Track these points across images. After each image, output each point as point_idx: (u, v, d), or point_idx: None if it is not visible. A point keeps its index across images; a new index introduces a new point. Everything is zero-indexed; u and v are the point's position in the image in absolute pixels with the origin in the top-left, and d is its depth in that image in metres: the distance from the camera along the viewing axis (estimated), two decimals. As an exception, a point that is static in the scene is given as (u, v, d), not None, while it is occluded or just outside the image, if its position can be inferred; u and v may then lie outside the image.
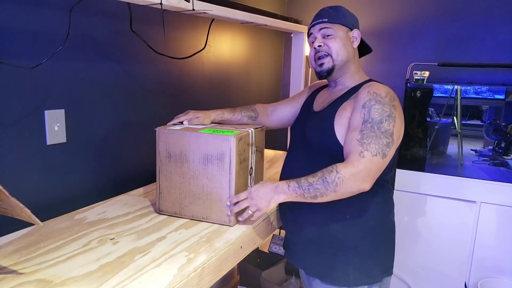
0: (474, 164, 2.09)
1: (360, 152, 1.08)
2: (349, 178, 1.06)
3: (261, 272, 1.97)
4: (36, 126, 1.19)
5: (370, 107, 1.12)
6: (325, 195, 1.07)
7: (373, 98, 1.13)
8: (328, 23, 1.23)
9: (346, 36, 1.24)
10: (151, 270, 0.88)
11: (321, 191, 1.07)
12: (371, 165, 1.08)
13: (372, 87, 1.17)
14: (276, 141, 2.74)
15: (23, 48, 1.13)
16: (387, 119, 1.10)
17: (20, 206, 0.78)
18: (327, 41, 1.23)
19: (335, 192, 1.07)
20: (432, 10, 2.27)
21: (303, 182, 1.08)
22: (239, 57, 2.21)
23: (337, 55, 1.22)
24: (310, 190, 1.07)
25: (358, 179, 1.07)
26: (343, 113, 1.17)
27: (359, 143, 1.09)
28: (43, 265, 0.89)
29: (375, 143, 1.08)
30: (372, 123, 1.10)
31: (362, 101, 1.14)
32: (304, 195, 1.08)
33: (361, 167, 1.07)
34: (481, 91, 2.07)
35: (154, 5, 1.21)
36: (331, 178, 1.06)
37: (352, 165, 1.07)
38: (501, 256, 1.99)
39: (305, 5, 2.60)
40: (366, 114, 1.11)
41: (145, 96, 1.59)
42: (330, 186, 1.06)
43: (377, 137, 1.08)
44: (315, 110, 1.31)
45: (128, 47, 1.48)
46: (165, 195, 1.21)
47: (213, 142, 1.13)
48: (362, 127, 1.10)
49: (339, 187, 1.06)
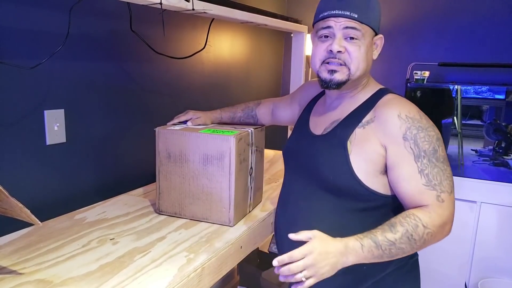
0: (474, 164, 2.09)
1: (437, 197, 0.88)
2: (437, 231, 0.87)
3: (261, 272, 1.97)
4: (36, 126, 1.19)
5: (414, 138, 0.89)
6: (407, 253, 0.89)
7: (411, 125, 0.90)
8: (357, 22, 0.93)
9: (370, 43, 0.97)
10: (151, 270, 0.88)
11: (405, 250, 0.87)
12: (452, 206, 0.90)
13: (398, 108, 0.93)
14: (276, 141, 2.74)
15: (23, 48, 1.13)
16: (438, 144, 0.91)
17: (20, 206, 0.78)
18: (350, 46, 0.94)
19: (419, 248, 0.89)
20: (432, 10, 2.27)
21: (380, 240, 0.85)
22: (239, 57, 2.21)
23: (356, 69, 0.96)
24: (392, 251, 0.86)
25: (446, 229, 0.89)
26: (366, 145, 0.94)
27: (429, 187, 0.88)
28: (43, 265, 0.89)
29: (445, 179, 0.89)
30: (427, 156, 0.89)
31: (399, 132, 0.90)
32: (382, 256, 0.86)
33: (447, 213, 0.88)
34: (481, 91, 2.07)
35: (154, 5, 1.20)
36: (418, 234, 0.86)
37: (437, 215, 0.87)
38: (501, 256, 1.99)
39: (305, 5, 2.60)
40: (414, 147, 0.89)
41: (145, 96, 1.59)
42: (417, 244, 0.86)
43: (442, 171, 0.89)
44: (314, 132, 1.06)
45: (128, 47, 1.47)
46: (165, 195, 1.21)
47: (213, 142, 1.13)
48: (419, 166, 0.89)
49: (427, 243, 0.88)
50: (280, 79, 2.78)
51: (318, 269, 0.83)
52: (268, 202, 1.38)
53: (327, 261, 0.84)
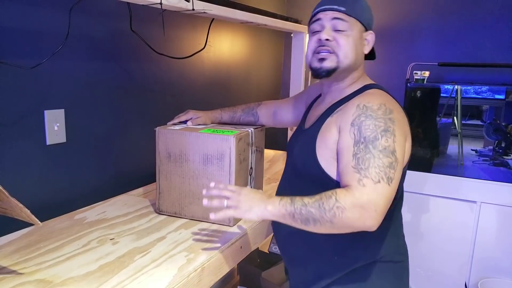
0: (474, 164, 2.09)
1: (359, 180, 0.87)
2: (349, 210, 0.85)
3: (261, 272, 1.97)
4: (36, 126, 1.19)
5: (360, 124, 0.91)
6: (318, 223, 0.87)
7: (362, 113, 0.93)
8: (344, 14, 0.99)
9: (359, 36, 1.02)
10: (151, 270, 0.88)
11: (315, 217, 0.87)
12: (376, 196, 0.85)
13: (363, 99, 0.97)
14: (276, 141, 2.74)
15: (23, 48, 1.13)
16: (383, 134, 0.89)
17: (20, 206, 0.78)
18: (338, 36, 0.99)
19: (331, 223, 0.86)
20: (432, 10, 2.27)
21: (297, 200, 0.89)
22: (239, 57, 2.21)
23: (345, 57, 0.99)
24: (303, 212, 0.88)
25: (362, 214, 0.85)
26: (327, 134, 0.98)
27: (355, 169, 0.88)
28: (43, 265, 0.89)
29: (374, 166, 0.87)
30: (365, 142, 0.89)
31: (350, 118, 0.94)
32: (295, 216, 0.89)
33: (364, 199, 0.85)
34: (481, 91, 2.07)
35: (154, 4, 1.20)
36: (328, 205, 0.86)
37: (353, 196, 0.85)
38: (501, 256, 1.99)
39: (305, 5, 2.60)
40: (357, 133, 0.91)
41: (145, 96, 1.59)
42: (326, 214, 0.86)
43: (374, 157, 0.88)
44: (305, 127, 1.11)
45: (128, 47, 1.48)
46: (165, 195, 1.21)
47: (213, 142, 1.13)
48: (354, 150, 0.90)
49: (337, 219, 0.85)
50: (280, 79, 2.78)
51: (239, 203, 0.92)
52: (268, 202, 1.38)
53: (249, 201, 0.92)
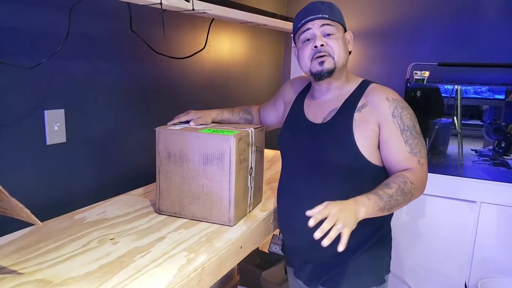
0: (474, 164, 2.09)
1: (418, 161, 1.10)
2: (419, 188, 1.09)
3: (261, 272, 1.97)
4: (36, 126, 1.19)
5: (400, 115, 1.11)
6: (400, 206, 1.07)
7: (397, 105, 1.12)
8: (329, 20, 1.14)
9: (343, 37, 1.18)
10: (151, 270, 0.88)
11: (399, 202, 1.05)
12: (427, 169, 1.13)
13: (385, 93, 1.14)
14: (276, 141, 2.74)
15: (23, 48, 1.13)
16: (415, 121, 1.13)
17: (20, 206, 0.78)
18: (329, 40, 1.14)
19: (408, 202, 1.08)
20: (432, 10, 2.27)
21: (381, 194, 1.03)
22: (239, 57, 2.21)
23: (339, 58, 1.14)
24: (391, 202, 1.03)
25: (423, 187, 1.11)
26: (365, 125, 1.11)
27: (412, 153, 1.10)
28: (43, 265, 0.89)
29: (422, 147, 1.12)
30: (409, 130, 1.10)
31: (389, 111, 1.11)
32: (384, 208, 1.03)
33: (425, 175, 1.11)
34: (481, 91, 2.07)
35: (154, 5, 1.21)
36: (407, 188, 1.05)
37: (420, 175, 1.09)
38: (501, 256, 1.99)
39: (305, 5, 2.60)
40: (400, 123, 1.10)
41: (145, 96, 1.59)
42: (407, 197, 1.06)
43: (420, 141, 1.12)
44: (314, 121, 1.20)
45: (128, 47, 1.48)
46: (165, 195, 1.21)
47: (213, 142, 1.13)
48: (404, 138, 1.10)
49: (413, 197, 1.08)
50: (280, 79, 2.78)
51: (346, 218, 0.92)
52: (268, 202, 1.38)
53: (348, 211, 0.95)
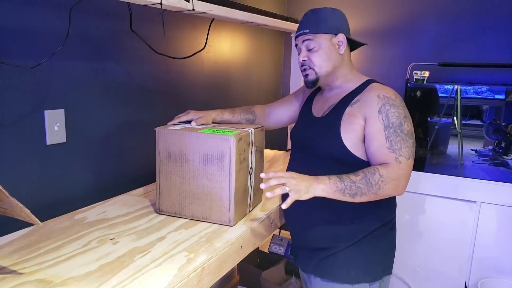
0: (474, 164, 2.09)
1: (396, 158, 1.10)
2: (390, 183, 1.08)
3: (261, 272, 1.97)
4: (36, 126, 1.19)
5: (386, 112, 1.12)
6: (364, 195, 1.08)
7: (386, 102, 1.13)
8: (309, 34, 1.21)
9: (329, 44, 1.21)
10: (151, 270, 0.88)
11: (363, 191, 1.07)
12: (408, 170, 1.11)
13: (379, 91, 1.16)
14: (276, 141, 2.74)
15: (23, 48, 1.13)
16: (405, 120, 1.13)
17: (20, 206, 0.78)
18: (311, 54, 1.21)
19: (375, 194, 1.09)
20: (432, 10, 2.27)
21: (344, 178, 1.07)
22: (239, 57, 2.21)
23: (320, 68, 1.22)
24: (352, 188, 1.06)
25: (398, 185, 1.10)
26: (352, 119, 1.16)
27: (391, 150, 1.10)
28: (43, 265, 0.89)
29: (405, 146, 1.11)
30: (394, 127, 1.11)
31: (376, 107, 1.13)
32: (344, 191, 1.06)
33: (401, 173, 1.10)
34: (481, 91, 2.07)
35: (154, 5, 1.21)
36: (374, 180, 1.07)
37: (393, 171, 1.09)
38: (501, 256, 1.99)
39: (305, 5, 2.60)
40: (385, 119, 1.12)
41: (145, 96, 1.59)
42: (372, 188, 1.07)
43: (403, 140, 1.11)
44: (316, 115, 1.29)
45: (128, 47, 1.48)
46: (165, 195, 1.21)
47: (213, 142, 1.13)
48: (386, 134, 1.11)
49: (381, 190, 1.08)
50: (280, 79, 2.78)
51: (296, 185, 1.03)
52: (268, 202, 1.38)
53: (303, 182, 1.04)
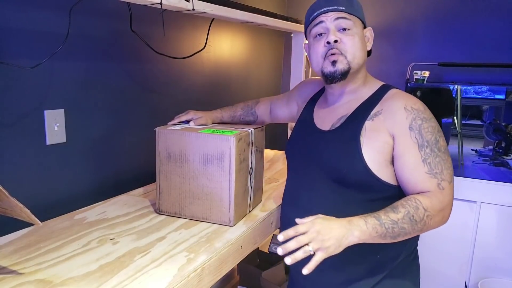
0: (474, 164, 2.09)
1: (438, 185, 0.91)
2: (437, 215, 0.90)
3: (261, 272, 1.97)
4: (36, 126, 1.19)
5: (419, 128, 0.93)
6: (408, 235, 0.89)
7: (416, 116, 0.94)
8: (346, 13, 0.99)
9: (362, 34, 1.02)
10: (151, 270, 0.88)
11: (407, 231, 0.88)
12: (452, 195, 0.93)
13: (404, 101, 0.98)
14: (276, 141, 2.74)
15: (23, 48, 1.13)
16: (439, 135, 0.95)
17: (20, 206, 0.78)
18: (344, 37, 0.99)
19: (420, 231, 0.91)
20: (432, 10, 2.27)
21: (384, 218, 0.86)
22: (239, 57, 2.21)
23: (354, 58, 0.99)
24: (395, 230, 0.86)
25: (445, 215, 0.92)
26: (376, 136, 0.96)
27: (431, 175, 0.92)
28: (43, 265, 0.89)
29: (446, 168, 0.93)
30: (430, 146, 0.93)
31: (405, 122, 0.94)
32: (386, 236, 0.87)
33: (447, 200, 0.91)
34: (481, 91, 2.07)
35: (154, 4, 1.20)
36: (419, 216, 0.88)
37: (438, 200, 0.90)
38: (501, 256, 1.99)
39: (305, 5, 2.60)
40: (418, 137, 0.93)
41: (145, 96, 1.59)
42: (418, 225, 0.88)
43: (443, 160, 0.93)
44: (322, 128, 1.08)
45: (128, 47, 1.48)
46: (165, 195, 1.21)
47: (213, 142, 1.13)
48: (422, 155, 0.92)
49: (427, 226, 0.90)
50: (280, 79, 2.78)
51: (323, 242, 0.81)
52: (268, 202, 1.38)
53: (332, 233, 0.82)
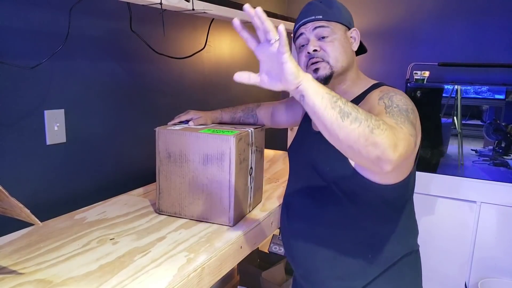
0: (474, 164, 2.09)
1: (397, 124, 0.83)
2: (389, 131, 0.77)
3: (261, 272, 1.97)
4: (36, 126, 1.19)
5: (390, 97, 0.91)
6: (358, 123, 0.74)
7: (390, 90, 0.95)
8: (323, 21, 1.03)
9: (344, 37, 1.05)
10: (151, 270, 0.88)
11: (358, 116, 0.74)
12: (408, 140, 0.81)
13: (386, 88, 1.00)
14: (276, 141, 2.74)
15: (23, 48, 1.13)
16: (412, 112, 0.90)
17: (20, 206, 0.78)
18: (324, 44, 1.02)
19: (370, 132, 0.74)
20: (432, 10, 2.27)
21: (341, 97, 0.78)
22: (239, 57, 2.21)
23: (336, 62, 1.02)
24: (349, 104, 0.75)
25: (397, 144, 0.77)
26: None
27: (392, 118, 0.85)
28: (43, 265, 0.89)
29: (408, 125, 0.84)
30: (398, 108, 0.88)
31: (377, 97, 0.94)
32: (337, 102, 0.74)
33: (401, 137, 0.79)
34: (481, 91, 2.07)
35: (154, 5, 1.21)
36: (375, 118, 0.76)
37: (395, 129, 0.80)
38: (501, 256, 1.99)
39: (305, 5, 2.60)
40: (388, 101, 0.90)
41: (145, 96, 1.59)
42: (371, 121, 0.75)
43: (407, 121, 0.85)
44: (315, 129, 1.10)
45: (128, 47, 1.48)
46: (165, 195, 1.21)
47: (213, 142, 1.13)
48: (386, 110, 0.87)
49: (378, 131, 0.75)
50: (280, 79, 2.78)
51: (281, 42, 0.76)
52: (268, 202, 1.38)
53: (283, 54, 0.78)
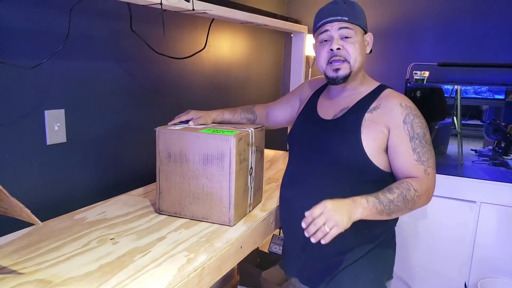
0: (474, 164, 2.09)
1: (425, 170, 1.10)
2: (424, 195, 1.08)
3: (261, 272, 1.97)
4: (36, 126, 1.19)
5: (411, 123, 1.12)
6: (400, 212, 1.07)
7: (409, 112, 1.13)
8: (348, 23, 1.14)
9: (362, 40, 1.17)
10: (151, 270, 0.88)
11: (400, 208, 1.06)
12: (435, 180, 1.13)
13: (399, 99, 1.15)
14: (276, 141, 2.74)
15: (23, 48, 1.13)
16: (426, 130, 1.14)
17: (20, 206, 0.78)
18: (346, 44, 1.15)
19: (410, 210, 1.08)
20: (432, 10, 2.27)
21: (382, 197, 1.04)
22: (239, 57, 2.21)
23: (355, 62, 1.16)
24: (391, 207, 1.04)
25: (429, 196, 1.12)
26: (374, 126, 1.13)
27: (419, 162, 1.10)
28: (43, 265, 0.89)
29: (431, 157, 1.12)
30: (419, 138, 1.11)
31: (400, 117, 1.12)
32: (383, 212, 1.04)
33: (430, 184, 1.11)
34: (481, 91, 2.07)
35: (154, 5, 1.20)
36: (410, 196, 1.06)
37: (424, 183, 1.09)
38: (501, 256, 1.99)
39: (305, 5, 2.60)
40: (410, 130, 1.11)
41: (145, 96, 1.59)
42: (408, 204, 1.06)
43: (428, 150, 1.12)
44: (324, 117, 1.23)
45: (128, 47, 1.48)
46: (165, 195, 1.21)
47: (213, 142, 1.13)
48: (412, 145, 1.11)
49: (415, 205, 1.08)
50: (280, 79, 2.78)
51: (337, 219, 0.96)
52: (268, 202, 1.38)
53: (341, 211, 0.98)
